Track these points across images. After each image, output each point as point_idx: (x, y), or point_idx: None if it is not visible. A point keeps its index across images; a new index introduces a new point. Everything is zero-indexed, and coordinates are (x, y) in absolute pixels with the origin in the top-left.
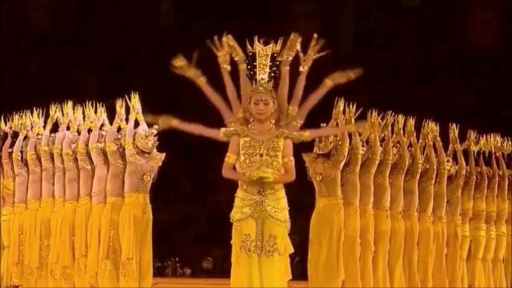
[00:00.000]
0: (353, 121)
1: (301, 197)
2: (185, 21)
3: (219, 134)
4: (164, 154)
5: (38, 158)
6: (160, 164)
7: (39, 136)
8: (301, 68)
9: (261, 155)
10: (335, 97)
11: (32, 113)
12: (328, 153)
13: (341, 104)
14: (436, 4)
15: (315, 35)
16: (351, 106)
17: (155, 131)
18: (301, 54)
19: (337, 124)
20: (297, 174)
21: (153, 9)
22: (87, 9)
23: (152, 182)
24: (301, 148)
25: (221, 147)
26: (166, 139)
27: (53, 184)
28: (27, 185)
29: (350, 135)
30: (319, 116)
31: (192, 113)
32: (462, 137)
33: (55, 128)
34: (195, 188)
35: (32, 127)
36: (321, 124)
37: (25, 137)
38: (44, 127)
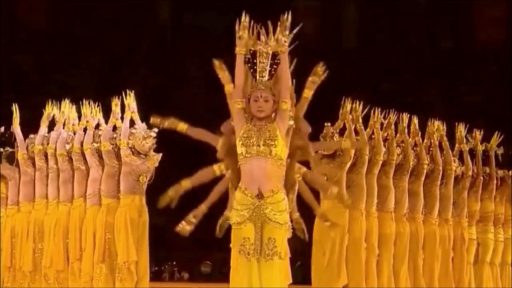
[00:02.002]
0: (360, 120)
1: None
2: (183, 19)
3: (218, 142)
4: (160, 155)
5: (30, 159)
6: (156, 165)
7: (31, 136)
8: (304, 94)
9: (258, 146)
10: (342, 97)
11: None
12: (333, 154)
13: (348, 104)
14: (442, 1)
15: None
16: (357, 105)
17: (154, 134)
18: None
19: (344, 125)
20: None
21: (151, 6)
22: (83, 6)
23: (149, 183)
24: None
25: None
26: (163, 140)
27: (47, 185)
28: (19, 187)
29: (356, 135)
30: (325, 116)
31: (189, 112)
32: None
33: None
34: (193, 189)
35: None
36: (325, 124)
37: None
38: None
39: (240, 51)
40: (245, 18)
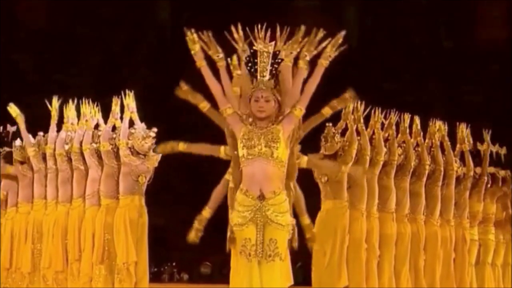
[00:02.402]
0: (361, 120)
1: (305, 199)
2: (182, 18)
3: (220, 151)
4: (160, 155)
5: (28, 160)
6: (156, 165)
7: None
8: (323, 111)
9: (260, 147)
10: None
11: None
12: (334, 153)
13: (350, 104)
14: (442, 1)
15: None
16: (359, 105)
17: (153, 134)
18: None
19: (346, 125)
20: (301, 176)
21: (151, 6)
22: (83, 6)
23: (148, 184)
24: (306, 149)
25: None
26: (162, 140)
27: (45, 185)
28: (18, 189)
29: (357, 135)
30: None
31: (188, 112)
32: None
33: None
34: (193, 190)
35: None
36: (327, 124)
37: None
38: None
39: (201, 64)
40: (191, 34)
